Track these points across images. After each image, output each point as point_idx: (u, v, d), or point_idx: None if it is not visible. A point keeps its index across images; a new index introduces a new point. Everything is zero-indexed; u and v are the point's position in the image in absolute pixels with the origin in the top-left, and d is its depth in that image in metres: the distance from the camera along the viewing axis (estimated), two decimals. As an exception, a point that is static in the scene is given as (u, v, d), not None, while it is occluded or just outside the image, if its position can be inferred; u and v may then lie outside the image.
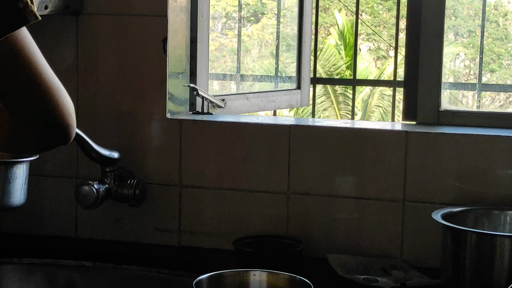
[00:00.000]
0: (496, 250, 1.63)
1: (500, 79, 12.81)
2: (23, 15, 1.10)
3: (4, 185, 1.52)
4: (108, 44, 2.07)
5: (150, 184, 2.06)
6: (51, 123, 1.14)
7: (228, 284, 1.55)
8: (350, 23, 12.83)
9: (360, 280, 1.77)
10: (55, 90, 1.14)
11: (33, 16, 1.11)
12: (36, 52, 1.14)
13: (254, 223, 2.02)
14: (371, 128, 2.01)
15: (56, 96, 1.14)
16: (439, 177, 1.92)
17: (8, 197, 1.54)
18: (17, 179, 1.54)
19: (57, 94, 1.14)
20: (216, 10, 2.79)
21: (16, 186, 1.54)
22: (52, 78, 1.14)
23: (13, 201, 1.55)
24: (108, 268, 1.93)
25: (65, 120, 1.15)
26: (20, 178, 1.55)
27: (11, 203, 1.55)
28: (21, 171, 1.55)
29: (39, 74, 1.13)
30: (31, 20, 1.10)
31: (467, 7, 12.75)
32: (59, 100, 1.14)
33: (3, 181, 1.52)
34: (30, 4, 1.11)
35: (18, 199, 1.57)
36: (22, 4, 1.10)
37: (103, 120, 2.08)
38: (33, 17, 1.11)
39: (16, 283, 1.94)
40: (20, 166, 1.54)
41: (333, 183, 1.98)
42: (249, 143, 2.02)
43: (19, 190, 1.56)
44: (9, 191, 1.53)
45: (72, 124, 1.16)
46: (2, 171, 1.51)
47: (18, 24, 1.09)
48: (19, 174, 1.54)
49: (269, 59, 2.92)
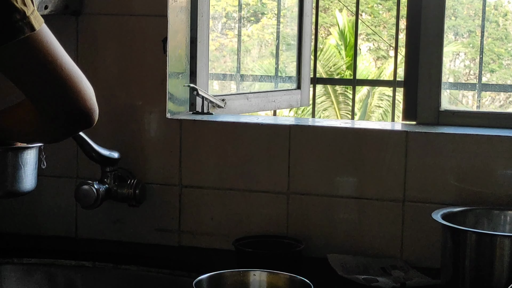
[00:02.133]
0: (496, 250, 1.63)
1: (500, 79, 12.81)
2: (20, 27, 1.11)
3: (15, 171, 1.55)
4: (108, 44, 2.07)
5: (150, 184, 2.06)
6: (74, 110, 1.20)
7: (228, 284, 1.55)
8: (350, 23, 12.83)
9: (360, 280, 1.77)
10: (75, 78, 1.19)
11: (30, 27, 1.12)
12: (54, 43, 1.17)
13: (254, 223, 2.02)
14: (371, 128, 2.01)
15: (77, 83, 1.19)
16: (439, 177, 1.92)
17: (20, 183, 1.57)
18: (27, 165, 1.57)
19: (77, 81, 1.19)
20: (216, 10, 2.79)
21: (28, 172, 1.58)
22: (71, 67, 1.19)
23: (25, 186, 1.59)
24: (108, 268, 1.93)
25: (87, 105, 1.21)
26: (30, 163, 1.58)
27: (23, 188, 1.58)
28: (31, 157, 1.58)
29: (59, 65, 1.16)
30: (27, 32, 1.11)
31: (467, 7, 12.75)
32: (80, 86, 1.19)
33: (14, 167, 1.54)
34: (29, 14, 1.11)
35: (29, 184, 1.60)
36: (19, 15, 1.11)
37: (103, 120, 2.07)
38: (29, 28, 1.12)
39: (16, 283, 1.94)
40: (30, 152, 1.57)
41: (333, 183, 1.98)
42: (249, 143, 2.02)
43: (30, 175, 1.59)
44: (20, 176, 1.56)
45: (94, 107, 1.23)
46: (13, 157, 1.54)
47: (13, 37, 1.11)
48: (30, 159, 1.57)
49: (269, 59, 2.92)
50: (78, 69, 1.20)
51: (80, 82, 1.19)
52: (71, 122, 1.21)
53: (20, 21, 1.11)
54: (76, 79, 1.18)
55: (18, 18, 1.10)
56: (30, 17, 1.11)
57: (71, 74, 1.17)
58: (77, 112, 1.19)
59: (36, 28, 1.12)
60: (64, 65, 1.17)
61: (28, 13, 1.11)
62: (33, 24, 1.12)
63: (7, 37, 1.10)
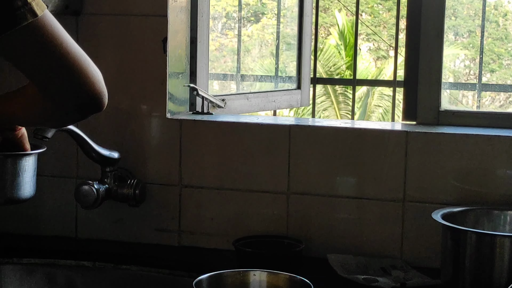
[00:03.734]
0: (496, 250, 1.63)
1: (500, 79, 12.82)
2: (22, 14, 1.10)
3: (13, 178, 1.54)
4: (108, 44, 2.07)
5: (150, 184, 2.06)
6: (83, 94, 1.18)
7: (228, 284, 1.55)
8: (350, 23, 12.83)
9: (360, 280, 1.77)
10: (82, 62, 1.17)
11: (32, 14, 1.11)
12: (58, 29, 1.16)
13: (254, 223, 2.02)
14: (371, 128, 2.01)
15: (84, 67, 1.17)
16: (439, 177, 1.92)
17: (19, 190, 1.56)
18: (26, 172, 1.56)
19: (85, 65, 1.17)
20: (216, 10, 2.79)
21: (26, 179, 1.56)
22: (77, 51, 1.17)
23: (24, 193, 1.57)
24: (108, 268, 1.93)
25: (96, 89, 1.19)
26: (29, 170, 1.56)
27: (21, 195, 1.57)
28: (29, 164, 1.56)
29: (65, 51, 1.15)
30: (29, 19, 1.11)
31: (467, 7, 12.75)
32: (87, 70, 1.18)
33: (12, 174, 1.53)
34: (30, 1, 1.11)
35: (28, 192, 1.59)
36: (21, 2, 1.10)
37: (103, 120, 2.08)
38: (32, 15, 1.11)
39: (16, 283, 1.94)
40: (29, 159, 1.56)
41: (333, 183, 1.98)
42: (249, 143, 2.02)
43: (29, 182, 1.58)
44: (18, 183, 1.55)
45: (103, 91, 1.21)
46: (11, 164, 1.53)
47: (15, 24, 1.10)
48: (28, 166, 1.56)
49: (269, 59, 2.92)
50: (84, 53, 1.18)
51: (87, 66, 1.17)
52: (80, 106, 1.19)
53: (22, 8, 1.10)
54: (83, 63, 1.16)
55: (20, 5, 1.10)
56: (31, 3, 1.11)
57: (77, 58, 1.16)
58: (86, 96, 1.18)
59: (38, 14, 1.11)
60: (70, 50, 1.15)
61: (29, 0, 1.11)
62: (35, 10, 1.11)
63: (9, 24, 1.10)
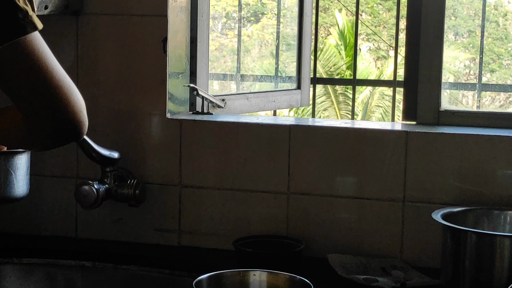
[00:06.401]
0: (496, 250, 1.63)
1: (500, 79, 12.81)
2: (22, 25, 1.10)
3: (5, 176, 1.52)
4: (108, 44, 2.07)
5: (150, 184, 2.06)
6: (63, 121, 1.15)
7: (228, 284, 1.55)
8: (350, 23, 12.83)
9: (360, 280, 1.77)
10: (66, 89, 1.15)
11: (32, 27, 1.11)
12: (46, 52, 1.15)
13: (254, 223, 2.02)
14: (371, 128, 2.01)
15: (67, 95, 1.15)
16: (439, 177, 1.92)
17: (11, 188, 1.55)
18: (18, 170, 1.55)
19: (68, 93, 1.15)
20: (216, 10, 2.79)
21: (18, 177, 1.55)
22: (63, 77, 1.16)
23: (17, 192, 1.56)
24: (108, 268, 1.93)
25: (77, 118, 1.16)
26: (21, 169, 1.55)
27: (14, 194, 1.56)
28: (22, 162, 1.55)
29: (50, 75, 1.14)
30: (30, 31, 1.11)
31: (467, 7, 12.76)
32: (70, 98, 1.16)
33: (5, 173, 1.52)
34: (31, 13, 1.11)
35: (22, 190, 1.58)
36: (22, 14, 1.10)
37: (103, 120, 2.08)
38: (32, 27, 1.11)
39: (16, 283, 1.94)
40: (21, 157, 1.54)
41: (333, 183, 1.98)
42: (249, 143, 2.02)
43: (21, 181, 1.56)
44: (11, 181, 1.54)
45: (83, 120, 1.18)
46: (3, 162, 1.52)
47: (16, 35, 1.10)
48: (20, 165, 1.55)
49: (269, 59, 2.92)
50: (70, 80, 1.16)
51: (71, 93, 1.15)
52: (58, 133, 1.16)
53: (23, 19, 1.10)
54: (66, 90, 1.14)
55: (21, 16, 1.10)
56: (32, 16, 1.11)
57: (62, 84, 1.14)
58: (65, 124, 1.15)
59: (38, 28, 1.12)
60: (55, 74, 1.14)
61: (30, 12, 1.11)
62: (36, 23, 1.11)
63: (11, 34, 1.10)
